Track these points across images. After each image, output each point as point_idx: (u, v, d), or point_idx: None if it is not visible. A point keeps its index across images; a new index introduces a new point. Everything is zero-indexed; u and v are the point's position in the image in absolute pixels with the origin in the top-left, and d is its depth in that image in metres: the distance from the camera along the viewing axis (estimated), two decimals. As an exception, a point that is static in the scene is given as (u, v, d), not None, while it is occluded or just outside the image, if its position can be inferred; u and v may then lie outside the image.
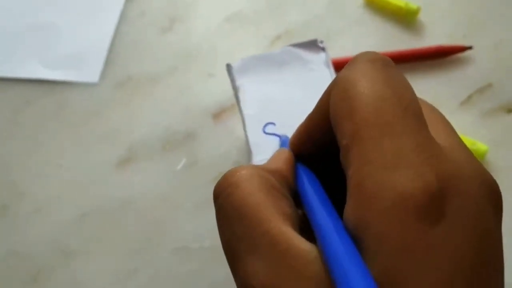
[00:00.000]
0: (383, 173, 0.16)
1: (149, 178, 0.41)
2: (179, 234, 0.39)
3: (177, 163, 0.41)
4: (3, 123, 0.45)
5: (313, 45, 0.33)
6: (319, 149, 0.22)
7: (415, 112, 0.18)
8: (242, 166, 0.20)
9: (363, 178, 0.17)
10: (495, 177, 0.18)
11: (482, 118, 0.41)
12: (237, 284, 0.19)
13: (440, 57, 0.43)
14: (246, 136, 0.31)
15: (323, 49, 0.33)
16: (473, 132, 0.40)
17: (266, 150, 0.30)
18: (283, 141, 0.28)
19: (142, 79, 0.45)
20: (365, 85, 0.18)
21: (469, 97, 0.42)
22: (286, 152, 0.23)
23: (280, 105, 0.31)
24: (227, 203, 0.19)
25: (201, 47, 0.46)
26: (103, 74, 0.46)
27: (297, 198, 0.21)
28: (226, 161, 0.41)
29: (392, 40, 0.45)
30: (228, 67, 0.33)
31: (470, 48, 0.43)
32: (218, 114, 0.43)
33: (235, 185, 0.19)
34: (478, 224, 0.17)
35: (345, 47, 0.45)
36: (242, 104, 0.32)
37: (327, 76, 0.32)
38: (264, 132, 0.31)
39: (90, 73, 0.45)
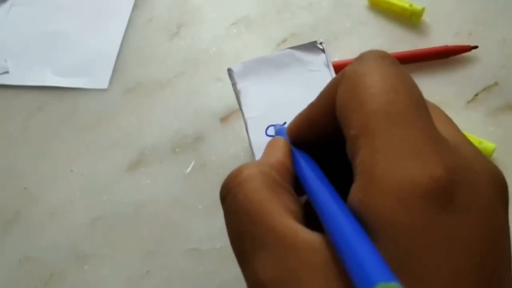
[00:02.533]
0: (392, 160, 0.17)
1: (160, 181, 0.42)
2: (191, 236, 0.39)
3: (186, 166, 0.42)
4: (15, 130, 0.45)
5: (312, 47, 0.34)
6: (317, 138, 0.23)
7: (423, 107, 0.18)
8: (245, 165, 0.21)
9: (371, 165, 0.17)
10: None
11: (489, 117, 0.41)
12: (246, 281, 0.19)
13: (445, 56, 0.44)
14: (249, 138, 0.31)
15: (322, 50, 0.34)
16: (480, 131, 0.40)
17: None
18: (278, 129, 0.28)
19: (150, 84, 0.46)
20: (376, 78, 0.19)
21: (476, 96, 0.42)
22: (282, 140, 0.24)
23: (281, 107, 0.32)
24: (233, 203, 0.20)
25: (208, 51, 0.47)
26: (113, 80, 0.46)
27: (298, 184, 0.22)
28: (234, 163, 0.41)
29: (397, 41, 0.45)
30: (229, 71, 0.34)
31: (475, 47, 0.44)
32: (226, 117, 0.43)
33: (239, 185, 0.20)
34: (488, 216, 0.17)
35: (351, 48, 0.45)
36: (243, 107, 0.32)
37: (327, 77, 0.33)
38: (267, 135, 0.31)
39: (100, 79, 0.46)
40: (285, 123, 0.31)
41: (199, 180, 0.41)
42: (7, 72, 0.48)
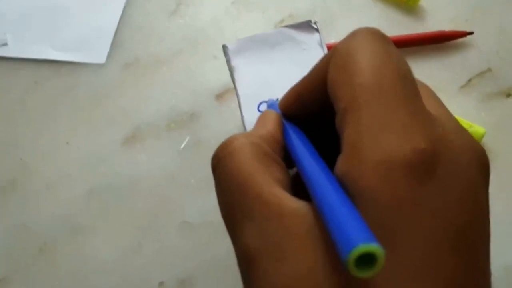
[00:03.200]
0: (377, 133, 0.17)
1: (154, 156, 0.42)
2: (184, 211, 0.40)
3: (181, 142, 0.42)
4: (13, 103, 0.46)
5: (307, 26, 0.34)
6: (308, 112, 0.23)
7: (411, 83, 0.19)
8: (235, 135, 0.21)
9: (357, 137, 0.18)
10: (492, 160, 0.19)
11: (481, 102, 0.42)
12: (235, 250, 0.20)
13: (441, 41, 0.44)
14: (241, 115, 0.32)
15: (317, 30, 0.34)
16: (472, 116, 0.41)
17: None
18: (270, 103, 0.29)
19: (148, 61, 0.46)
20: (365, 53, 0.19)
21: (469, 81, 0.43)
22: (273, 113, 0.24)
23: (274, 85, 0.32)
24: (223, 173, 0.21)
25: (207, 30, 0.47)
26: (111, 56, 0.47)
27: (288, 156, 0.22)
28: (229, 141, 0.42)
29: (394, 25, 0.46)
30: (224, 48, 0.34)
31: (471, 33, 0.44)
32: (221, 95, 0.44)
33: (229, 155, 0.20)
34: (468, 191, 0.17)
35: (348, 31, 0.45)
36: (237, 84, 0.33)
37: (320, 56, 0.33)
38: (259, 111, 0.32)
39: (98, 54, 0.46)
40: (277, 99, 0.32)
41: (193, 156, 0.42)
42: (5, 45, 0.48)
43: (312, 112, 0.23)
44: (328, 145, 0.22)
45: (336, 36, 0.45)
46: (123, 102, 0.45)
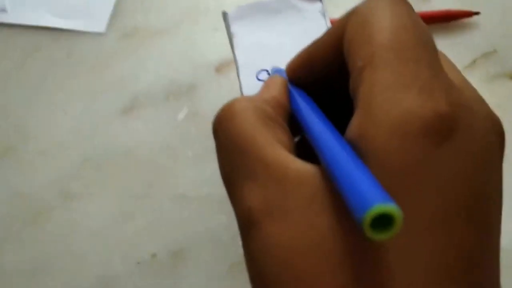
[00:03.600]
0: (395, 92, 0.17)
1: (152, 127, 0.42)
2: (179, 182, 0.39)
3: (179, 113, 0.42)
4: (11, 69, 0.45)
5: None
6: (318, 76, 0.23)
7: (432, 48, 0.18)
8: (238, 98, 0.21)
9: (373, 95, 0.17)
10: None
11: (485, 83, 0.41)
12: (236, 212, 0.19)
13: (446, 21, 0.43)
14: (240, 83, 0.31)
15: None
16: (475, 96, 0.40)
17: None
18: (275, 70, 0.28)
19: (148, 31, 0.45)
20: (387, 14, 0.19)
21: (473, 62, 0.42)
22: (279, 78, 0.24)
23: (273, 53, 0.32)
24: (224, 135, 0.20)
25: (208, 2, 0.46)
26: (110, 25, 0.46)
27: (294, 123, 0.21)
28: (227, 114, 0.41)
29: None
30: (224, 15, 0.34)
31: (477, 13, 0.43)
32: (221, 67, 0.43)
33: (231, 118, 0.20)
34: (484, 157, 0.17)
35: (347, 7, 0.45)
36: (236, 51, 0.32)
37: (322, 25, 0.32)
38: (257, 79, 0.31)
39: (97, 22, 0.46)
40: (276, 68, 0.31)
41: (191, 128, 0.41)
42: (4, 11, 0.47)
43: (323, 76, 0.22)
44: (337, 113, 0.22)
45: (339, 12, 0.44)
46: (122, 72, 0.44)
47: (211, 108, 0.42)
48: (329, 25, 0.32)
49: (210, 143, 0.40)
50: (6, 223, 0.40)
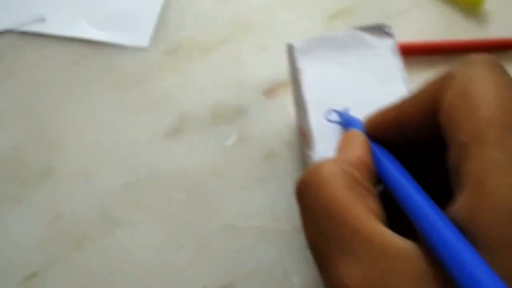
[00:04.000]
0: (509, 174, 0.16)
1: (198, 150, 0.40)
2: (227, 211, 0.38)
3: (226, 137, 0.41)
4: (48, 82, 0.44)
5: (379, 30, 0.32)
6: (403, 139, 0.22)
7: None
8: (324, 161, 0.20)
9: (485, 177, 0.16)
10: None
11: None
12: (326, 284, 0.18)
13: (503, 49, 0.42)
14: (308, 121, 0.30)
15: (390, 35, 0.32)
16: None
17: (328, 138, 0.29)
18: (348, 119, 0.27)
19: (193, 47, 0.44)
20: (490, 85, 0.18)
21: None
22: (360, 135, 0.23)
23: (343, 91, 0.30)
24: (313, 202, 0.19)
25: (255, 18, 0.45)
26: (153, 39, 0.44)
27: (378, 181, 0.21)
28: (277, 140, 0.40)
29: (453, 28, 0.43)
30: (290, 48, 0.32)
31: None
32: (270, 91, 0.42)
33: (320, 183, 0.19)
34: None
35: (404, 30, 0.43)
36: (303, 88, 0.31)
37: (393, 64, 0.31)
38: (327, 120, 0.30)
39: (140, 36, 0.44)
40: (347, 109, 0.30)
41: (240, 154, 0.40)
42: (43, 20, 0.45)
43: (409, 139, 0.22)
44: (423, 176, 0.21)
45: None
46: (166, 90, 0.43)
47: (260, 134, 0.40)
48: (400, 62, 0.31)
49: (260, 172, 0.39)
50: (49, 247, 0.38)
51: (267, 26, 0.44)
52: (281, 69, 0.42)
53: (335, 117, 0.29)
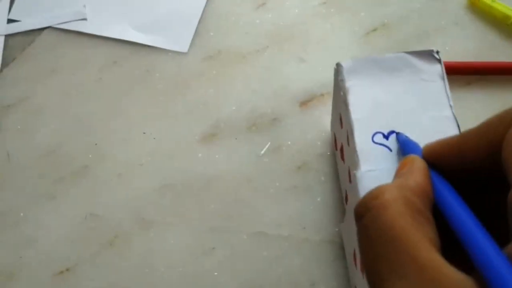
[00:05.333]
0: None
1: (232, 157, 0.41)
2: (258, 219, 0.39)
3: (261, 146, 0.41)
4: (89, 81, 0.45)
5: (428, 55, 0.32)
6: (460, 170, 0.22)
7: None
8: (385, 186, 0.20)
9: None
10: None
11: None
12: None
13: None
14: (354, 142, 0.30)
15: (439, 60, 0.32)
16: None
17: (373, 160, 0.29)
18: (407, 142, 0.27)
19: (231, 55, 0.45)
20: None
21: None
22: (420, 161, 0.23)
23: (389, 113, 0.31)
24: (372, 224, 0.20)
25: (294, 28, 0.45)
26: (193, 45, 0.45)
27: (436, 211, 0.21)
28: (310, 152, 0.41)
29: (491, 49, 0.43)
30: (338, 67, 0.32)
31: None
32: (306, 102, 0.42)
33: (381, 207, 0.20)
34: None
35: (442, 48, 0.43)
36: (350, 107, 0.31)
37: (441, 89, 0.31)
38: (373, 142, 0.30)
39: (180, 41, 0.45)
40: (393, 131, 0.30)
41: (273, 163, 0.41)
42: (84, 19, 0.46)
43: (466, 171, 0.22)
44: (479, 209, 0.21)
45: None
46: (203, 96, 0.43)
47: (294, 144, 0.41)
48: (448, 88, 0.31)
49: (292, 182, 0.39)
50: (82, 245, 0.39)
51: (304, 37, 0.45)
52: (318, 81, 0.43)
53: (381, 139, 0.30)
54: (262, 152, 0.41)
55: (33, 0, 0.48)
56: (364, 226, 0.20)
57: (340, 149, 0.36)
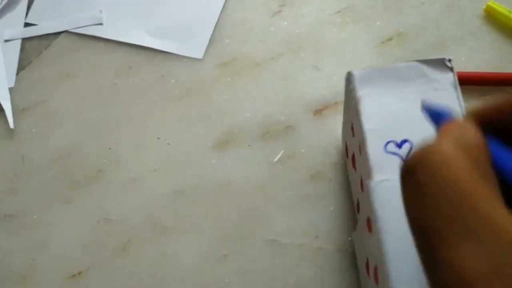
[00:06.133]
0: None
1: (246, 164, 0.41)
2: (271, 227, 0.39)
3: (274, 154, 0.41)
4: (104, 86, 0.45)
5: (440, 63, 0.32)
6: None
7: None
8: (438, 142, 0.19)
9: None
10: None
11: None
12: (438, 270, 0.17)
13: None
14: (366, 150, 0.30)
15: (451, 69, 0.32)
16: None
17: (387, 170, 0.29)
18: (439, 112, 0.23)
19: (246, 62, 0.45)
20: None
21: None
22: (470, 123, 0.20)
23: (401, 122, 0.31)
24: (432, 180, 0.18)
25: (309, 36, 0.45)
26: (208, 51, 0.45)
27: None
28: (323, 160, 0.41)
29: (508, 60, 0.43)
30: (349, 76, 0.32)
31: None
32: (320, 111, 0.42)
33: (442, 162, 0.18)
34: None
35: (458, 58, 0.43)
36: (362, 117, 0.31)
37: (453, 98, 0.31)
38: (386, 150, 0.30)
39: (195, 48, 0.45)
40: (406, 140, 0.30)
41: (286, 171, 0.40)
42: (100, 24, 0.47)
43: None
44: None
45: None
46: (218, 102, 0.43)
47: (307, 152, 0.41)
48: (460, 97, 0.31)
49: (305, 190, 0.39)
50: (95, 248, 0.39)
51: (319, 46, 0.45)
52: (332, 89, 0.43)
53: (394, 148, 0.30)
54: (276, 159, 0.41)
55: (50, 5, 0.48)
56: (418, 182, 0.18)
57: (352, 158, 0.36)
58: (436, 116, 0.23)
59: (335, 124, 0.41)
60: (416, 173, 0.18)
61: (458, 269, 0.16)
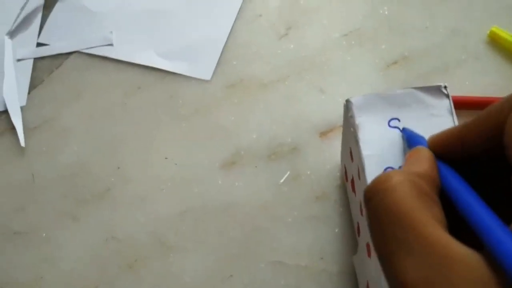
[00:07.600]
0: None
1: (252, 185, 0.42)
2: (276, 248, 0.39)
3: (280, 174, 0.42)
4: (113, 105, 0.46)
5: (436, 90, 0.33)
6: (464, 157, 0.23)
7: None
8: (394, 171, 0.22)
9: None
10: None
11: None
12: (389, 281, 0.19)
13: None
14: (364, 176, 0.31)
15: (447, 95, 0.33)
16: None
17: None
18: (412, 136, 0.28)
19: (252, 83, 0.45)
20: None
21: None
22: (427, 151, 0.24)
23: (400, 148, 0.31)
24: (380, 206, 0.20)
25: (315, 59, 0.46)
26: (216, 72, 0.46)
27: (443, 198, 0.22)
28: (329, 182, 0.41)
29: (510, 84, 0.44)
30: (348, 103, 0.33)
31: None
32: (325, 133, 0.43)
33: (389, 190, 0.20)
34: None
35: (461, 83, 0.44)
36: (361, 144, 0.31)
37: (450, 123, 0.32)
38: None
39: (204, 69, 0.46)
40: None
41: (292, 192, 0.41)
42: (111, 45, 0.48)
43: (470, 158, 0.23)
44: (485, 194, 0.22)
45: (450, 88, 0.43)
46: (224, 123, 0.44)
47: (313, 173, 0.41)
48: (457, 123, 0.32)
49: (310, 211, 0.40)
50: (102, 266, 0.40)
51: (325, 68, 0.45)
52: (337, 111, 0.43)
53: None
54: (282, 180, 0.41)
55: (62, 25, 0.49)
56: (373, 208, 0.21)
57: (351, 182, 0.36)
58: (411, 140, 0.27)
59: (340, 146, 0.42)
60: (371, 199, 0.21)
61: (403, 279, 0.18)
